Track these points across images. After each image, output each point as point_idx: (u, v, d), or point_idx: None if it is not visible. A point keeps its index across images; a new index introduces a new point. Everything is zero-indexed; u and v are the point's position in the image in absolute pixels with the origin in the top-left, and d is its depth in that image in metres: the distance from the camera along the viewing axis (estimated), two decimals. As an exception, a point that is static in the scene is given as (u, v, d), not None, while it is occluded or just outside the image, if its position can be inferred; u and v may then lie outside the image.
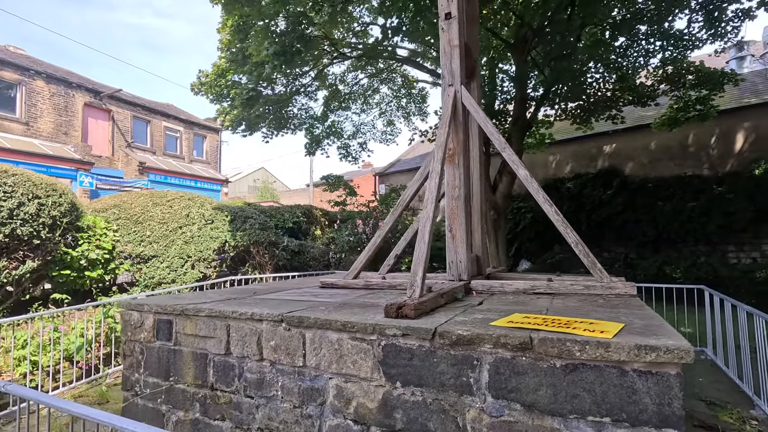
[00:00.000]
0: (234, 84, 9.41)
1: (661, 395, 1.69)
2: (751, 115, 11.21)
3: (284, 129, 11.71)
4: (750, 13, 8.63)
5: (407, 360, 2.18)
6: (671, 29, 9.36)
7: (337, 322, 2.36)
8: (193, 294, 3.67)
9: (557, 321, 2.14)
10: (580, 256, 3.22)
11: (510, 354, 1.95)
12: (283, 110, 11.12)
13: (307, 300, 3.18)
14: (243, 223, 7.86)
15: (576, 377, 1.83)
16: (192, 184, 18.63)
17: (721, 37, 9.13)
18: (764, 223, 10.27)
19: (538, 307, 2.70)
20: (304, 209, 10.46)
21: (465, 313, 2.53)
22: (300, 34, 6.29)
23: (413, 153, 19.21)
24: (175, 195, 7.95)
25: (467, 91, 3.68)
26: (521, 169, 3.44)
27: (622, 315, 2.31)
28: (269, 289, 4.09)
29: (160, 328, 3.09)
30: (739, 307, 4.07)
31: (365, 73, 14.05)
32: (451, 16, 3.71)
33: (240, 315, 2.70)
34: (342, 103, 13.87)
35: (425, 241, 2.81)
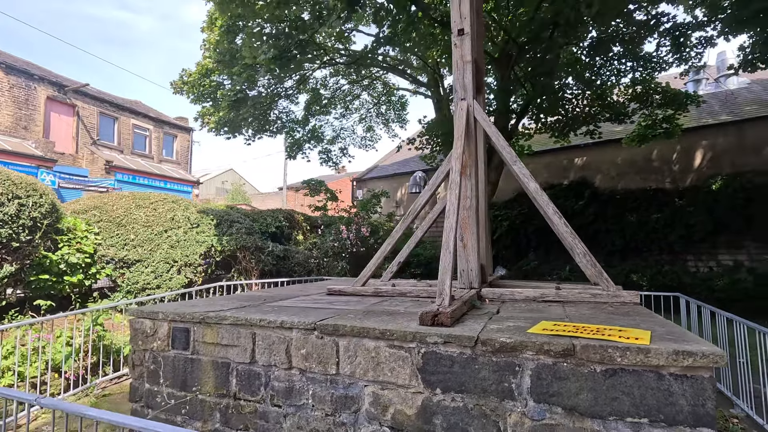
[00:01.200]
0: (219, 85, 9.22)
1: (695, 397, 1.85)
2: (708, 134, 12.10)
3: (266, 132, 11.56)
4: (711, 40, 9.37)
5: (448, 367, 2.25)
6: (641, 51, 10.01)
7: (375, 330, 2.40)
8: (204, 301, 3.59)
9: (587, 328, 2.27)
10: (587, 265, 3.40)
11: (552, 360, 2.06)
12: (266, 113, 10.99)
13: (325, 308, 3.19)
14: (229, 227, 7.68)
15: (615, 381, 1.96)
16: (161, 185, 17.97)
17: (686, 61, 9.86)
18: (720, 235, 11.08)
19: (556, 314, 2.84)
20: (286, 214, 10.34)
21: (493, 320, 2.63)
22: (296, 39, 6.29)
23: (390, 159, 19.38)
24: (158, 197, 7.67)
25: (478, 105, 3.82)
26: (532, 182, 3.61)
27: (641, 322, 2.48)
28: (275, 296, 4.05)
29: (176, 337, 3.01)
30: (718, 313, 4.41)
31: (347, 79, 14.12)
32: (464, 33, 3.85)
33: (269, 323, 2.68)
34: (323, 108, 13.86)
35: (450, 250, 2.90)
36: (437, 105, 10.82)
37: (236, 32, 7.74)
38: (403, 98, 15.35)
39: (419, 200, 3.94)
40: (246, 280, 7.34)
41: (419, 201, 3.94)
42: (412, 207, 3.97)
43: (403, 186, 17.18)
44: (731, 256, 11.17)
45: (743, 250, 11.07)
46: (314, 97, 13.16)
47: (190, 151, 21.14)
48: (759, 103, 12.46)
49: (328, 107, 14.07)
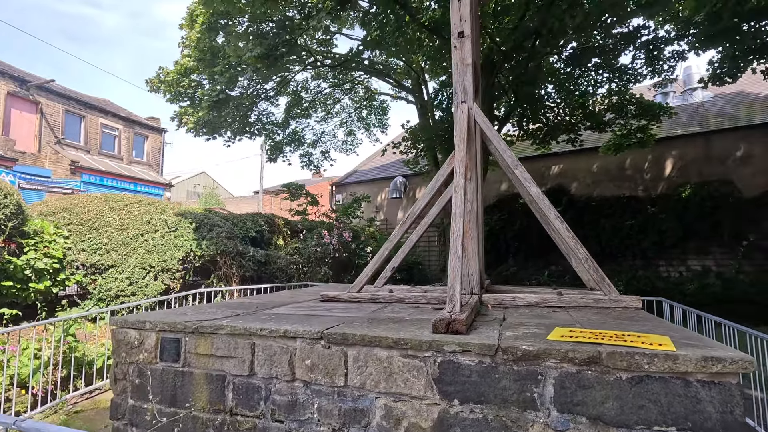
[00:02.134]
0: (199, 84, 8.91)
1: (723, 403, 1.82)
2: (677, 144, 12.63)
3: (246, 134, 11.26)
4: (683, 54, 9.78)
5: (466, 377, 2.15)
6: (617, 63, 10.35)
7: (387, 339, 2.28)
8: (193, 309, 3.36)
9: (605, 334, 2.23)
10: (589, 271, 3.40)
11: (576, 368, 2.00)
12: (247, 114, 10.71)
13: (325, 315, 3.05)
14: (209, 231, 7.36)
15: (642, 389, 1.91)
16: (131, 188, 17.22)
17: (659, 74, 10.25)
18: (690, 241, 11.55)
19: (564, 320, 2.80)
20: (266, 218, 10.06)
21: (505, 327, 2.56)
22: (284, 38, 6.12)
23: (370, 164, 19.31)
24: (133, 199, 7.27)
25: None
26: (533, 186, 3.59)
27: (653, 328, 2.47)
28: (267, 303, 3.86)
29: (165, 348, 2.79)
30: (705, 317, 4.52)
31: (328, 83, 13.99)
32: (464, 35, 3.81)
33: (270, 332, 2.52)
34: (303, 111, 13.67)
35: (459, 255, 2.82)
36: (420, 110, 10.83)
37: (218, 30, 7.50)
38: (384, 103, 15.34)
39: (418, 204, 3.85)
40: (226, 287, 7.05)
41: (418, 205, 3.85)
42: (410, 211, 3.88)
43: (383, 191, 17.12)
44: (700, 262, 11.64)
45: (710, 255, 11.56)
46: (295, 99, 12.96)
47: (162, 152, 20.40)
48: (724, 116, 13.11)
49: (308, 110, 13.89)
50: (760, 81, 11.67)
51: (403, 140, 11.05)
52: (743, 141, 11.77)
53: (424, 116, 10.82)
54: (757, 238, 10.97)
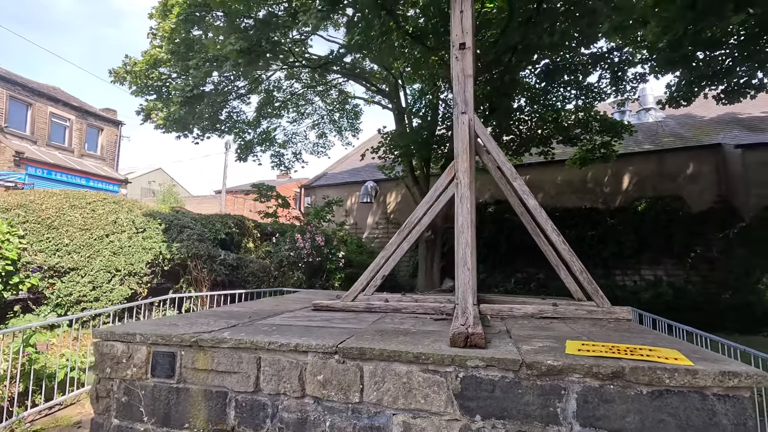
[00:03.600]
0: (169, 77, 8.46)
1: (737, 416, 1.91)
2: (634, 160, 13.43)
3: (216, 131, 10.83)
4: (644, 77, 10.43)
5: (489, 392, 2.14)
6: (584, 81, 10.88)
7: (408, 353, 2.23)
8: (184, 320, 3.14)
9: (617, 347, 2.29)
10: (584, 282, 3.50)
11: (598, 383, 2.03)
12: (218, 111, 10.30)
13: (327, 326, 2.95)
14: (179, 233, 6.96)
15: (661, 403, 1.98)
16: (83, 183, 16.10)
17: (622, 93, 10.88)
18: (644, 252, 12.30)
19: (568, 332, 2.86)
20: (236, 220, 9.70)
21: (516, 340, 2.57)
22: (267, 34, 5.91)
23: (340, 167, 19.15)
24: (97, 196, 6.74)
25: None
26: (531, 199, 3.66)
27: (657, 340, 2.57)
28: (258, 312, 3.69)
29: (158, 363, 2.59)
30: (675, 326, 4.79)
31: (301, 83, 13.76)
32: (466, 47, 3.85)
33: (280, 346, 2.39)
34: (275, 111, 13.36)
35: (469, 266, 2.82)
36: (397, 116, 10.86)
37: (195, 22, 7.16)
38: (357, 107, 15.27)
39: (417, 213, 3.83)
40: (196, 292, 6.70)
41: (416, 214, 3.83)
42: (408, 219, 3.86)
43: (353, 195, 17.01)
44: (652, 272, 12.42)
45: (662, 266, 12.36)
46: (267, 98, 12.63)
47: (118, 146, 19.22)
48: (675, 136, 14.11)
49: (280, 110, 13.59)
50: (705, 105, 12.67)
51: (379, 145, 11.03)
52: (692, 160, 12.70)
53: (400, 123, 10.85)
54: (702, 251, 11.85)
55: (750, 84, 9.03)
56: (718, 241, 11.49)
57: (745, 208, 11.35)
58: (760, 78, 8.92)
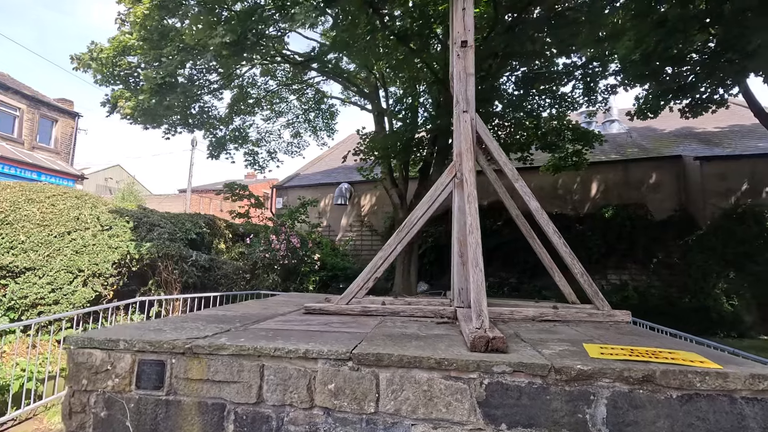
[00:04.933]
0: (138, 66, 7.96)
1: (765, 419, 1.90)
2: (601, 169, 13.96)
3: (187, 126, 10.32)
4: (615, 88, 10.84)
5: (515, 399, 2.03)
6: (558, 91, 11.19)
7: (430, 359, 2.09)
8: (170, 324, 2.86)
9: (636, 351, 2.25)
10: (585, 285, 3.50)
11: (628, 387, 1.97)
12: (190, 105, 9.82)
13: (330, 331, 2.77)
14: (149, 231, 6.49)
15: (691, 407, 1.94)
16: (34, 177, 14.94)
17: (594, 104, 11.27)
18: (610, 257, 12.77)
19: (576, 335, 2.82)
20: (207, 219, 9.23)
21: (532, 344, 2.49)
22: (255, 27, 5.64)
23: (313, 168, 18.81)
24: (57, 190, 6.16)
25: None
26: (533, 201, 3.63)
27: (665, 342, 2.56)
28: (247, 315, 3.45)
29: (144, 372, 2.32)
30: (658, 328, 4.91)
31: (276, 80, 13.42)
32: (468, 45, 3.79)
33: (287, 353, 2.19)
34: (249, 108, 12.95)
35: (481, 268, 2.72)
36: (377, 118, 10.75)
37: (171, 9, 6.75)
38: (333, 107, 15.06)
39: (416, 213, 3.71)
40: (166, 295, 6.26)
41: (416, 214, 3.71)
42: (408, 220, 3.73)
43: (326, 196, 16.72)
44: (618, 276, 12.90)
45: (627, 271, 12.87)
46: (241, 95, 12.20)
47: (74, 140, 18.00)
48: (638, 147, 14.79)
49: (254, 107, 13.17)
50: (664, 119, 13.32)
51: (358, 147, 10.87)
52: (655, 170, 13.34)
53: (380, 124, 10.75)
54: (664, 257, 12.43)
55: (712, 99, 9.58)
56: (678, 247, 12.09)
57: (703, 217, 12.02)
58: (721, 94, 9.48)
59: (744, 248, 10.92)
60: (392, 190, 10.65)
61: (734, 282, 11.06)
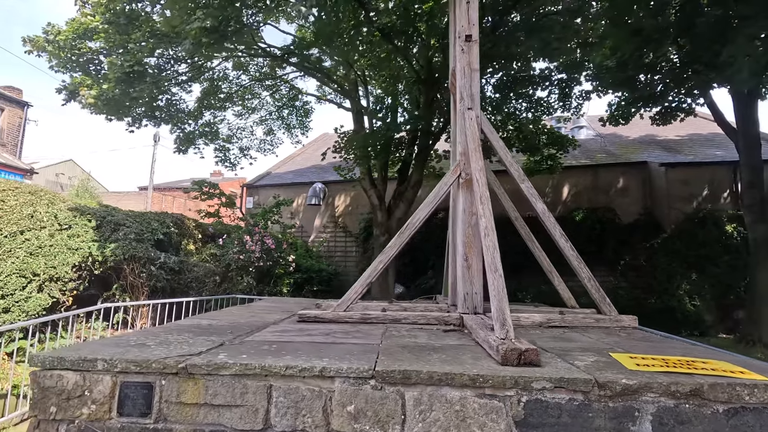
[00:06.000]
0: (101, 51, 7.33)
1: (812, 432, 1.82)
2: (572, 173, 14.30)
3: (153, 119, 9.68)
4: (589, 95, 11.11)
5: (555, 417, 1.87)
6: (534, 95, 11.35)
7: (463, 375, 1.89)
8: (150, 337, 2.50)
9: (671, 361, 2.15)
10: (592, 290, 3.42)
11: (673, 402, 1.85)
12: (157, 96, 9.20)
13: (336, 342, 2.52)
14: (113, 231, 5.93)
15: (737, 421, 1.84)
16: (-25, 171, 13.65)
17: (569, 109, 11.50)
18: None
19: (592, 343, 2.71)
20: (175, 219, 8.66)
21: (560, 356, 2.35)
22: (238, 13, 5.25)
23: (285, 167, 18.28)
24: (7, 185, 5.48)
25: (482, 118, 3.62)
26: (539, 202, 3.52)
27: (691, 349, 2.48)
28: (234, 325, 3.13)
29: (128, 397, 1.99)
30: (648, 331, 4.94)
31: (248, 75, 12.91)
32: (472, 39, 3.64)
33: (300, 371, 1.93)
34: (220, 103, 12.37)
35: (500, 272, 2.55)
36: (356, 117, 10.50)
37: (140, -9, 6.25)
38: (307, 104, 14.66)
39: (419, 215, 3.52)
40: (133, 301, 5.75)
41: (419, 216, 3.51)
42: (410, 221, 3.52)
43: (299, 196, 16.25)
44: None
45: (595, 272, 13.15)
46: (212, 88, 11.61)
47: (23, 131, 16.61)
48: (606, 153, 15.30)
49: (225, 102, 12.59)
50: (628, 126, 13.76)
51: (335, 145, 10.57)
52: (622, 175, 13.81)
53: (359, 123, 10.50)
54: (630, 259, 12.87)
55: (680, 108, 9.98)
56: (645, 250, 12.54)
57: (667, 221, 12.53)
58: (689, 103, 9.89)
59: (705, 251, 11.46)
60: (371, 190, 10.41)
61: (696, 283, 11.58)
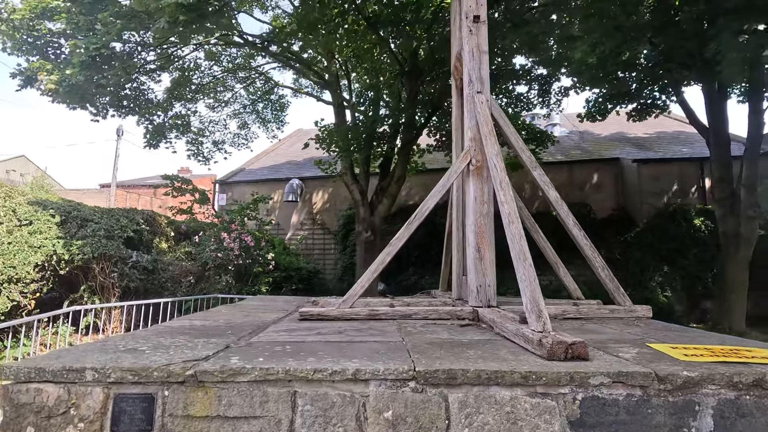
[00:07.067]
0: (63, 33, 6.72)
1: None
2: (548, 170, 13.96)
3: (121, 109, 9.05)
4: (567, 91, 11.26)
5: (613, 415, 1.72)
6: (514, 91, 11.41)
7: (513, 373, 1.71)
8: (141, 341, 2.18)
9: (716, 351, 2.05)
10: (606, 279, 3.34)
11: (734, 393, 1.74)
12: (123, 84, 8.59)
13: (354, 341, 2.29)
14: (80, 227, 5.40)
15: (798, 412, 1.74)
16: None
17: (548, 105, 11.61)
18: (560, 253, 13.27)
19: (617, 334, 2.61)
20: (145, 215, 8.11)
21: (600, 349, 2.21)
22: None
23: (259, 163, 17.69)
24: (-44, 176, 4.90)
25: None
26: (552, 191, 3.41)
27: (727, 340, 2.41)
28: (232, 326, 2.84)
29: (125, 412, 1.69)
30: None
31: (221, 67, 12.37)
32: (480, 20, 3.48)
33: (330, 375, 1.69)
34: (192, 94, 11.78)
35: (530, 261, 2.41)
36: (337, 109, 10.20)
37: (107, -33, 5.73)
38: (283, 98, 14.21)
39: (428, 203, 3.32)
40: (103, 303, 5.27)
41: (428, 205, 3.32)
42: (419, 211, 3.33)
43: (274, 192, 15.76)
44: (553, 270, 13.50)
45: (573, 266, 13.46)
46: (182, 78, 11.01)
47: (-31, 122, 15.23)
48: (581, 149, 15.64)
49: (196, 94, 11.99)
50: (600, 124, 14.11)
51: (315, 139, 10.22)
52: (596, 172, 14.15)
53: (340, 116, 10.21)
54: (605, 253, 13.17)
55: (655, 105, 10.25)
56: (619, 244, 12.88)
57: (639, 215, 12.92)
58: (663, 100, 10.18)
59: (675, 244, 11.87)
60: (353, 185, 10.15)
61: (667, 275, 11.98)
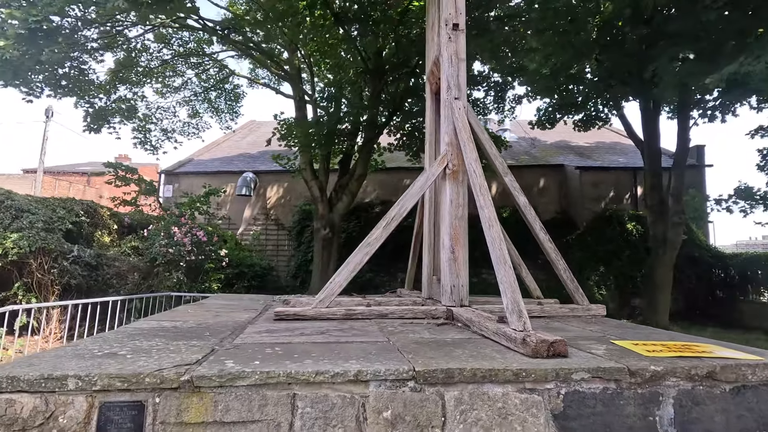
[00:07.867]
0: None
1: (795, 404, 2.05)
2: (499, 173, 15.20)
3: (57, 88, 8.27)
4: (520, 99, 11.83)
5: (591, 407, 1.87)
6: (471, 96, 11.79)
7: (506, 370, 1.81)
8: (116, 344, 2.04)
9: (673, 346, 2.29)
10: (567, 281, 3.57)
11: (690, 384, 1.96)
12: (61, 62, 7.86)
13: (340, 341, 2.30)
14: (15, 219, 4.84)
15: (740, 399, 2.00)
16: None
17: (503, 111, 12.14)
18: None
19: (580, 332, 2.82)
20: (85, 206, 7.47)
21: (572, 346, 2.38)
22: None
23: (209, 154, 16.91)
24: None
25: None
26: (521, 196, 3.59)
27: (677, 337, 2.69)
28: (206, 327, 2.73)
29: (112, 422, 1.60)
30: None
31: (171, 51, 11.70)
32: (459, 28, 3.59)
33: (332, 377, 1.70)
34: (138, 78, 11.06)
35: (509, 264, 2.54)
36: (298, 103, 10.01)
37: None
38: (238, 87, 13.69)
39: (405, 205, 3.38)
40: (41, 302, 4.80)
41: (405, 206, 3.38)
42: (396, 212, 3.37)
43: (225, 185, 15.14)
44: (515, 272, 14.21)
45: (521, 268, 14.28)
46: (128, 60, 10.28)
47: None
48: (529, 155, 16.49)
49: (143, 78, 11.24)
50: (545, 132, 15.00)
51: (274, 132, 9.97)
52: (542, 176, 15.01)
53: (301, 111, 10.03)
54: (548, 253, 14.08)
55: (599, 117, 11.06)
56: (561, 245, 13.73)
57: (580, 219, 13.88)
58: (606, 113, 11.01)
59: (611, 246, 12.88)
60: (312, 182, 10.03)
61: (603, 275, 12.98)
